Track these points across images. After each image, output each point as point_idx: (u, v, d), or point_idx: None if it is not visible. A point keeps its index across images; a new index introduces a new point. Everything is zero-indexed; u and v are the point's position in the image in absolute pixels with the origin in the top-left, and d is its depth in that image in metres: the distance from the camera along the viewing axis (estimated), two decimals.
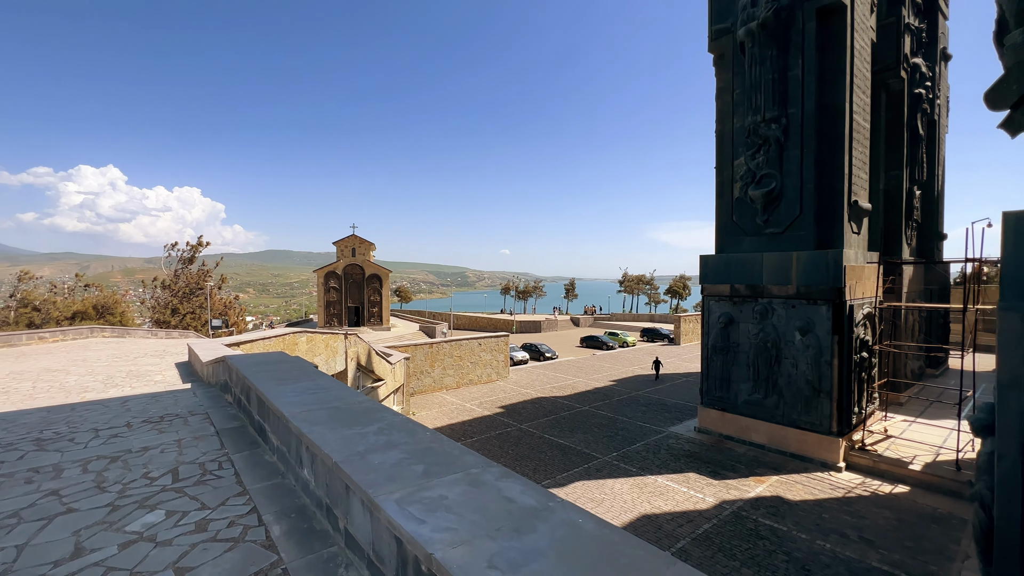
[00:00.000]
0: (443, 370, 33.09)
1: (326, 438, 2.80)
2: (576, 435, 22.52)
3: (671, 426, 23.56)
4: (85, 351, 16.10)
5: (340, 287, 62.56)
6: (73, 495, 3.90)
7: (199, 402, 6.49)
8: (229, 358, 5.94)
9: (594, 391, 31.63)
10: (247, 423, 5.35)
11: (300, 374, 4.72)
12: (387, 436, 2.85)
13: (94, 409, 6.41)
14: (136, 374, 11.03)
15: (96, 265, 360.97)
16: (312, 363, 5.45)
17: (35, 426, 5.62)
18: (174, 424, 5.56)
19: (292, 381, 4.41)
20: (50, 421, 5.80)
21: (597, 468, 18.46)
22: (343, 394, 3.95)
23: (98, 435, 5.34)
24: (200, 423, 5.49)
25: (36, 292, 35.32)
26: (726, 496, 15.80)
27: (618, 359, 44.53)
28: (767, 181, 19.45)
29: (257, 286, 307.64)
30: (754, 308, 19.75)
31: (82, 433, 5.42)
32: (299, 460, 3.43)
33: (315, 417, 3.34)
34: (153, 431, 5.38)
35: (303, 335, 15.53)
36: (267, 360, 5.59)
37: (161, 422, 5.58)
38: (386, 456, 2.51)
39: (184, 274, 44.35)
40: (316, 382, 4.38)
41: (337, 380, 4.51)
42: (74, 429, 5.46)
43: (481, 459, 2.63)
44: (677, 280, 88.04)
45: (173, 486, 4.04)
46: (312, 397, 3.82)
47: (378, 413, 3.37)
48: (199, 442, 5.04)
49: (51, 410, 6.44)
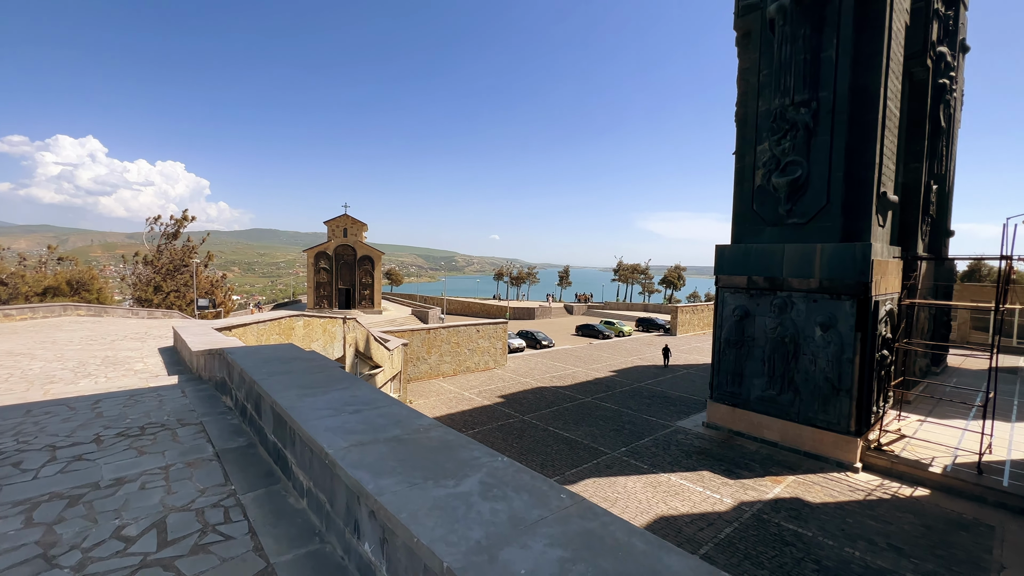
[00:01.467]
0: (440, 357, 32.07)
1: (409, 504, 1.75)
2: (581, 428, 21.75)
3: (678, 420, 22.93)
4: (56, 332, 14.69)
5: (331, 268, 60.81)
6: None
7: (189, 404, 5.30)
8: (228, 352, 4.82)
9: (595, 382, 30.91)
10: (256, 442, 4.15)
11: (327, 379, 3.63)
12: (505, 503, 1.81)
13: (56, 412, 5.13)
14: (113, 361, 9.76)
15: (75, 239, 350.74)
16: (336, 362, 4.34)
17: None
18: (159, 439, 4.41)
19: (320, 390, 3.33)
20: None
21: (607, 464, 17.71)
22: (398, 413, 2.88)
23: (55, 456, 4.08)
24: (193, 438, 4.33)
25: (2, 264, 32.93)
26: (744, 497, 15.15)
27: (616, 349, 43.92)
28: (792, 168, 18.52)
29: (243, 265, 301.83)
30: (772, 301, 18.97)
31: (34, 453, 4.13)
32: (352, 525, 2.28)
33: (374, 459, 2.24)
34: (130, 451, 4.19)
35: (299, 319, 14.36)
36: (277, 356, 4.48)
37: (142, 435, 4.30)
38: (530, 554, 1.51)
39: (168, 250, 42.24)
40: (353, 392, 3.30)
41: (378, 389, 3.45)
42: (25, 444, 4.19)
43: None
44: (672, 270, 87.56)
45: (158, 556, 2.71)
46: (356, 419, 2.77)
47: (465, 451, 2.31)
48: (194, 471, 3.79)
49: (1, 412, 5.22)
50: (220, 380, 5.47)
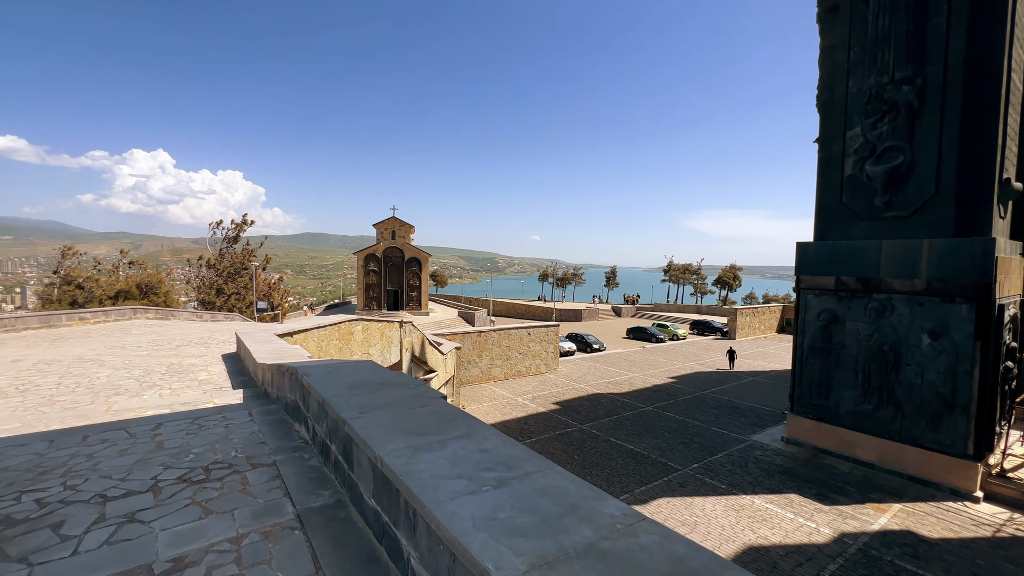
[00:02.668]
0: (491, 360, 31.35)
1: None
2: (646, 440, 20.34)
3: (752, 434, 21.06)
4: (125, 335, 14.91)
5: (379, 270, 61.69)
6: None
7: (259, 433, 4.57)
8: (303, 373, 4.08)
9: (654, 389, 29.25)
10: (347, 500, 3.24)
11: (435, 418, 2.77)
12: None
13: (114, 440, 4.46)
14: (177, 369, 9.46)
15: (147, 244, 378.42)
16: (433, 389, 3.45)
17: (14, 480, 3.71)
18: (227, 487, 3.64)
19: (434, 438, 2.45)
20: (43, 467, 3.87)
21: (679, 482, 16.29)
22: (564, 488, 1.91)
23: (104, 514, 3.30)
24: (267, 488, 3.61)
25: (80, 269, 35.00)
26: (844, 527, 13.37)
27: (671, 353, 41.82)
28: (892, 155, 16.43)
29: (295, 267, 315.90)
30: (867, 305, 16.93)
31: (80, 508, 3.38)
32: None
33: None
34: (193, 507, 3.41)
35: (358, 324, 13.90)
36: (361, 380, 3.70)
37: (207, 481, 3.65)
38: None
39: (229, 253, 43.93)
40: (480, 443, 2.39)
41: (508, 438, 2.53)
42: (72, 491, 3.57)
43: None
44: (727, 270, 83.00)
45: None
46: (508, 498, 1.80)
47: None
48: (272, 546, 2.96)
49: (56, 439, 4.63)
50: (292, 403, 4.76)
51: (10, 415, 6.25)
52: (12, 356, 11.19)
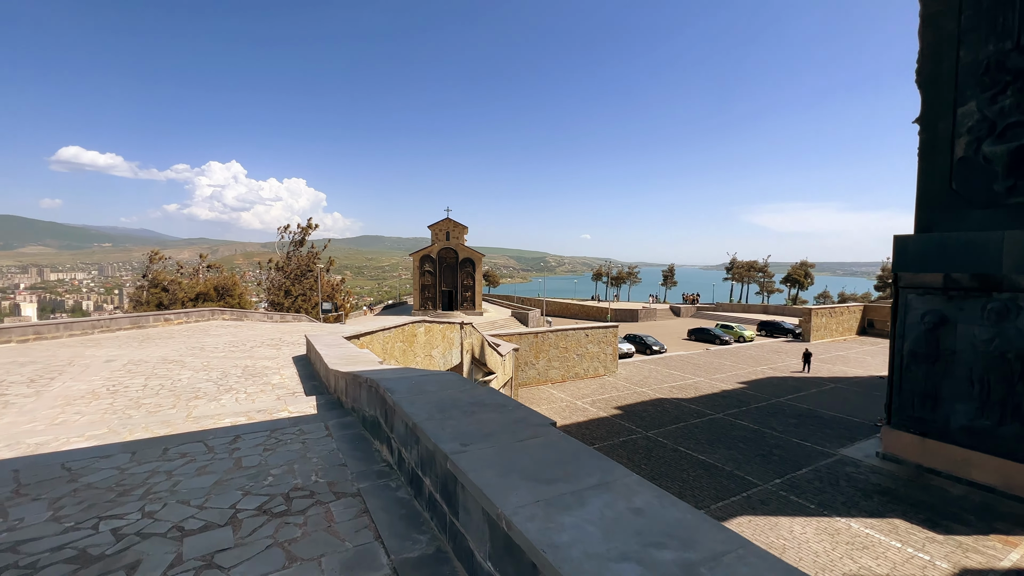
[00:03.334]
0: (548, 362, 30.73)
1: None
2: (719, 450, 18.98)
3: (840, 447, 19.14)
4: (204, 336, 15.62)
5: (434, 271, 62.68)
6: None
7: (337, 452, 4.37)
8: (386, 388, 3.65)
9: (722, 394, 27.49)
10: (450, 552, 2.71)
11: (555, 455, 2.19)
12: None
13: (193, 455, 4.27)
14: (252, 372, 9.60)
15: (223, 249, 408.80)
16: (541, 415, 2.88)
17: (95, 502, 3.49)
18: (310, 523, 3.22)
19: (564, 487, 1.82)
20: (123, 485, 3.71)
21: (760, 499, 14.96)
22: None
23: (181, 554, 3.00)
24: (354, 528, 3.18)
25: (165, 273, 38.08)
26: (966, 561, 11.64)
27: (738, 356, 39.37)
28: (1017, 132, 14.24)
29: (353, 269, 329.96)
30: (985, 305, 14.79)
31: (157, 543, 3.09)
32: None
33: None
34: (275, 548, 3.02)
35: (421, 326, 13.78)
36: (451, 398, 3.23)
37: (288, 513, 3.33)
38: None
39: (295, 256, 46.19)
40: (628, 499, 1.81)
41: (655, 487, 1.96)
42: (150, 520, 3.29)
43: None
44: (797, 267, 77.09)
45: None
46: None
47: None
48: None
49: (137, 451, 4.51)
50: (370, 419, 4.41)
51: (100, 419, 6.39)
52: (106, 356, 11.90)
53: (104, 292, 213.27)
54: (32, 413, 6.65)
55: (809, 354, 33.97)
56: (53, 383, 8.63)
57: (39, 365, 10.38)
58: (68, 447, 4.87)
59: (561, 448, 2.39)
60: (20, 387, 8.30)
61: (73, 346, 13.39)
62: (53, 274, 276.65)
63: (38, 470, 4.05)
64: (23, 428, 5.97)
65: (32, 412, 6.70)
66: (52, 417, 6.50)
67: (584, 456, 2.28)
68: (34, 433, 5.57)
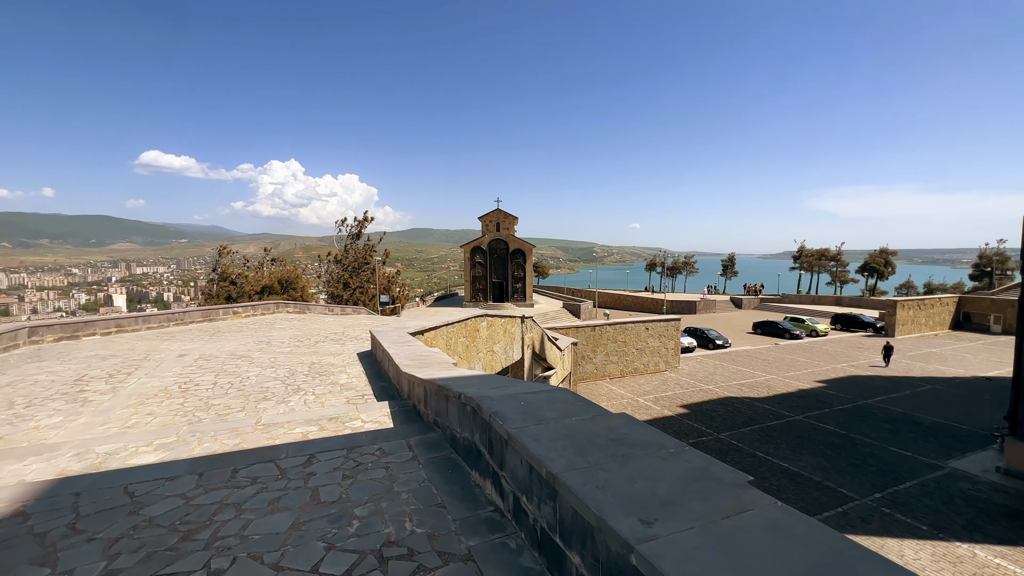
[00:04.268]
0: (606, 356, 29.54)
1: None
2: (803, 457, 17.29)
3: (949, 459, 16.92)
4: (271, 330, 15.80)
5: (485, 262, 62.46)
6: None
7: (429, 485, 3.68)
8: (491, 410, 2.91)
9: (799, 394, 25.31)
10: None
11: (810, 555, 1.47)
12: None
13: (264, 479, 3.83)
14: (319, 370, 9.32)
15: (284, 243, 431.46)
16: (725, 466, 2.01)
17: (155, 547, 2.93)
18: None
19: None
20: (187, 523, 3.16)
21: (859, 516, 13.34)
22: None
23: None
24: None
25: (233, 266, 40.04)
26: None
27: (812, 352, 36.40)
28: None
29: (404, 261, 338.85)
30: None
31: None
32: None
33: None
34: None
35: (483, 320, 13.18)
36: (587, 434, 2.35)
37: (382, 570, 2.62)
38: None
39: (353, 249, 47.29)
40: None
41: None
42: None
43: None
44: (875, 255, 70.28)
45: None
46: None
47: None
48: None
49: (204, 472, 3.97)
50: (464, 442, 3.67)
51: (170, 421, 6.13)
52: (179, 350, 12.11)
53: (181, 284, 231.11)
54: (107, 413, 6.54)
55: (890, 347, 31.19)
56: (129, 379, 8.67)
57: (118, 359, 10.62)
58: (135, 460, 4.53)
59: (802, 536, 1.53)
60: (99, 383, 8.38)
61: (150, 339, 13.83)
62: (139, 268, 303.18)
63: (100, 495, 3.63)
64: (96, 431, 5.79)
65: (107, 412, 6.60)
66: (125, 418, 6.34)
67: (856, 559, 1.41)
68: (106, 439, 5.33)
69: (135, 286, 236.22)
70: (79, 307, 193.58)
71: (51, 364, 9.99)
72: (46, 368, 9.57)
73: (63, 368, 9.59)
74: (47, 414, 6.49)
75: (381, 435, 4.75)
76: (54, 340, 12.96)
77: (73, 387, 8.04)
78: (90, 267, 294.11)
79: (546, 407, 3.04)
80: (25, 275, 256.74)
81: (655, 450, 2.35)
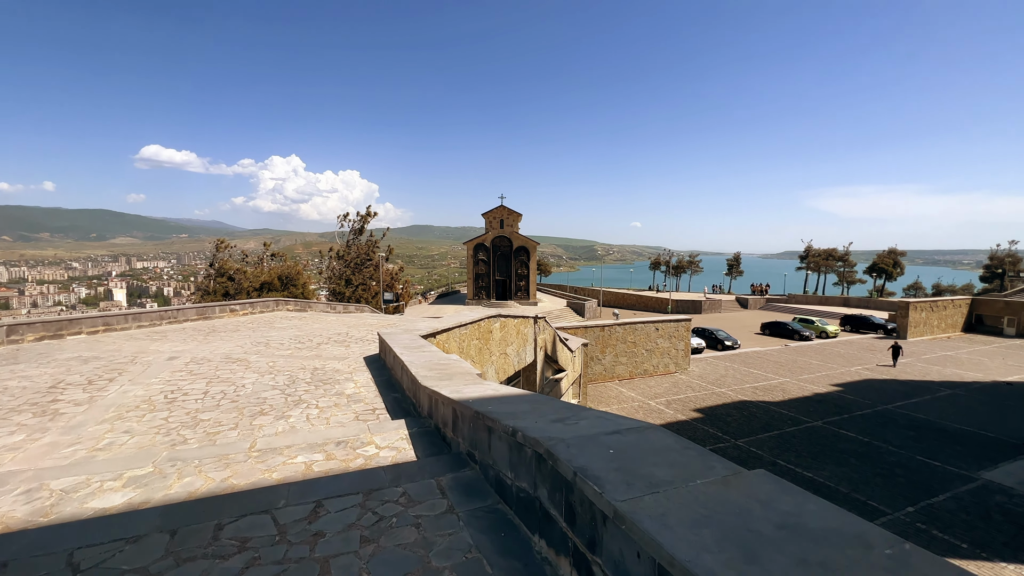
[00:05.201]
0: (615, 357, 28.72)
1: None
2: (826, 467, 16.49)
3: (981, 469, 16.12)
4: (269, 329, 14.97)
5: (488, 259, 61.57)
6: None
7: (480, 559, 2.67)
8: (567, 459, 2.06)
9: (815, 398, 24.51)
10: None
11: None
12: None
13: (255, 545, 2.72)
14: (322, 377, 8.47)
15: (285, 239, 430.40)
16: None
17: None
18: None
19: None
20: None
21: (896, 532, 12.40)
22: None
23: None
24: None
25: (231, 262, 38.98)
26: None
27: (825, 354, 35.59)
28: None
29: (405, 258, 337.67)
30: None
31: None
32: None
33: None
34: None
35: (496, 321, 12.36)
36: (736, 510, 1.46)
37: None
38: None
39: (355, 244, 46.31)
40: None
41: None
42: None
43: None
44: (884, 255, 69.36)
45: None
46: None
47: None
48: None
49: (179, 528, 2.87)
50: (520, 493, 2.73)
51: (149, 443, 5.29)
52: (170, 352, 11.27)
53: (182, 279, 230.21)
54: (78, 430, 5.71)
55: (899, 347, 30.84)
56: (110, 386, 7.83)
57: (102, 362, 9.77)
58: (96, 502, 3.67)
59: None
60: (76, 391, 7.53)
61: (140, 339, 12.98)
62: (139, 263, 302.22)
63: (31, 569, 2.72)
64: (59, 455, 4.95)
65: (78, 428, 5.76)
66: (98, 437, 5.50)
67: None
68: (68, 467, 4.48)
69: (135, 280, 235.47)
70: (79, 301, 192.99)
71: (26, 367, 9.14)
72: (20, 372, 8.72)
73: (39, 372, 8.75)
74: (8, 431, 5.65)
75: (404, 472, 3.87)
76: (35, 339, 12.13)
77: (45, 396, 7.20)
78: (90, 261, 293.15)
79: (649, 458, 2.17)
80: (26, 269, 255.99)
81: (860, 550, 1.53)
